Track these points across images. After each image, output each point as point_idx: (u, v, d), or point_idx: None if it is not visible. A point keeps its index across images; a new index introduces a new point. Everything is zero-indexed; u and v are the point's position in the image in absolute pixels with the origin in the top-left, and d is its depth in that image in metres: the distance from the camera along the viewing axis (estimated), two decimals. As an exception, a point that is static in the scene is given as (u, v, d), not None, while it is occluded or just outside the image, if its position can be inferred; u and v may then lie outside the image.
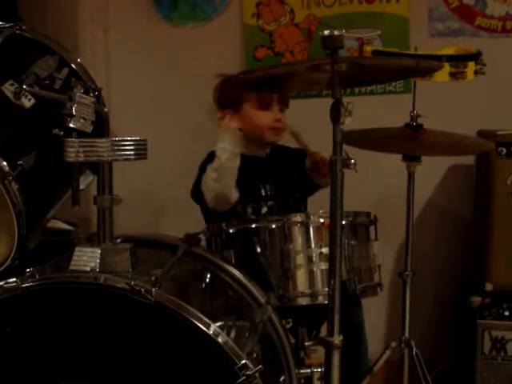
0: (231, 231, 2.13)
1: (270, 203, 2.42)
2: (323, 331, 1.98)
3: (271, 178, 2.47)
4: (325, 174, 2.38)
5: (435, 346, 2.99)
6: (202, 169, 2.42)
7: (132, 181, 2.81)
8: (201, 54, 3.09)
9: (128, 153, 1.77)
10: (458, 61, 2.28)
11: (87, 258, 1.74)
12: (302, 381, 1.95)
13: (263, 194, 2.44)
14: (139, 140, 1.79)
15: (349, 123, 1.68)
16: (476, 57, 2.32)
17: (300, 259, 2.08)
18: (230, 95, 2.48)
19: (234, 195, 2.33)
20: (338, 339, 1.71)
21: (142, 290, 1.58)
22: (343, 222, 1.93)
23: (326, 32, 1.61)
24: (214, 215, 2.37)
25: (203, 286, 2.06)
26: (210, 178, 2.31)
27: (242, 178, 2.34)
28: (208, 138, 2.55)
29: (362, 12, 3.04)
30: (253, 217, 2.35)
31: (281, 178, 2.49)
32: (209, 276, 2.06)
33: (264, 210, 2.40)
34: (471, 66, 2.30)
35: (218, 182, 2.30)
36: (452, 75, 2.28)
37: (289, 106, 2.53)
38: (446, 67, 2.25)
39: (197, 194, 2.41)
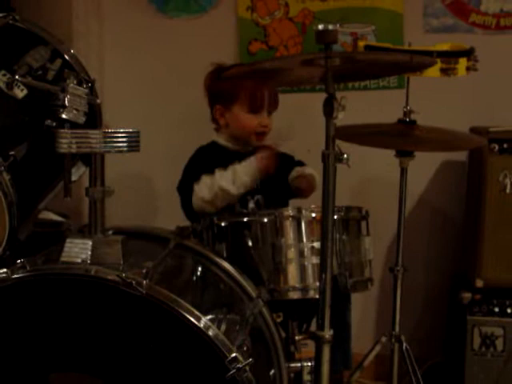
0: (223, 224, 2.13)
1: (256, 197, 2.42)
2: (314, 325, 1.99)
3: None
4: (307, 197, 2.46)
5: (425, 342, 3.00)
6: (193, 167, 2.43)
7: (124, 173, 2.80)
8: (195, 47, 3.08)
9: (120, 144, 1.77)
10: (449, 57, 2.28)
11: (78, 250, 1.74)
12: (292, 375, 1.95)
13: None
14: (132, 132, 1.79)
15: (342, 118, 1.68)
16: (468, 53, 2.31)
17: (291, 253, 2.08)
18: (224, 91, 2.47)
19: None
20: (328, 333, 1.71)
21: (133, 282, 1.58)
22: (335, 217, 1.93)
23: (321, 26, 1.61)
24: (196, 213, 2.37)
25: (194, 279, 2.06)
26: (214, 191, 2.30)
27: None
28: (201, 130, 2.56)
29: (356, 7, 3.03)
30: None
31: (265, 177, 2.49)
32: (200, 269, 2.06)
33: (251, 204, 2.40)
34: (463, 62, 2.30)
35: (216, 202, 2.31)
36: (443, 71, 2.28)
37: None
38: (437, 63, 2.25)
39: (184, 190, 2.41)
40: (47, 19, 2.65)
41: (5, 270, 1.64)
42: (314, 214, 2.09)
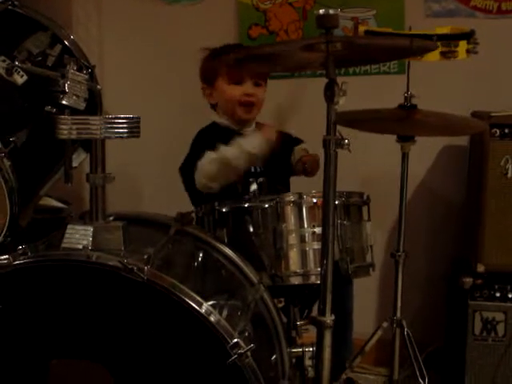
0: (224, 210, 2.13)
1: (259, 180, 2.41)
2: (315, 311, 1.99)
3: None
4: (312, 175, 2.47)
5: (426, 327, 3.00)
6: (196, 147, 2.43)
7: (124, 158, 2.80)
8: (194, 33, 3.07)
9: (121, 130, 1.77)
10: (449, 40, 2.27)
11: (79, 236, 1.74)
12: (294, 360, 1.96)
13: (252, 170, 2.43)
14: (132, 118, 1.78)
15: (343, 103, 1.68)
16: (467, 36, 2.30)
17: (293, 239, 2.08)
18: (206, 70, 2.52)
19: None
20: (329, 319, 1.71)
21: (135, 268, 1.58)
22: (336, 202, 1.92)
23: (321, 11, 1.61)
24: (200, 194, 2.37)
25: (196, 264, 2.06)
26: (225, 160, 2.28)
27: None
28: (201, 116, 2.55)
29: (357, -9, 3.02)
30: (245, 195, 2.34)
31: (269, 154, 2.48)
32: (201, 255, 2.06)
33: (253, 186, 2.39)
34: (463, 45, 2.28)
35: (220, 177, 2.30)
36: (443, 54, 2.27)
37: (267, 80, 2.55)
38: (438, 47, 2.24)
39: (187, 170, 2.41)
40: (46, 4, 2.64)
41: (6, 256, 1.64)
42: (315, 200, 2.09)
